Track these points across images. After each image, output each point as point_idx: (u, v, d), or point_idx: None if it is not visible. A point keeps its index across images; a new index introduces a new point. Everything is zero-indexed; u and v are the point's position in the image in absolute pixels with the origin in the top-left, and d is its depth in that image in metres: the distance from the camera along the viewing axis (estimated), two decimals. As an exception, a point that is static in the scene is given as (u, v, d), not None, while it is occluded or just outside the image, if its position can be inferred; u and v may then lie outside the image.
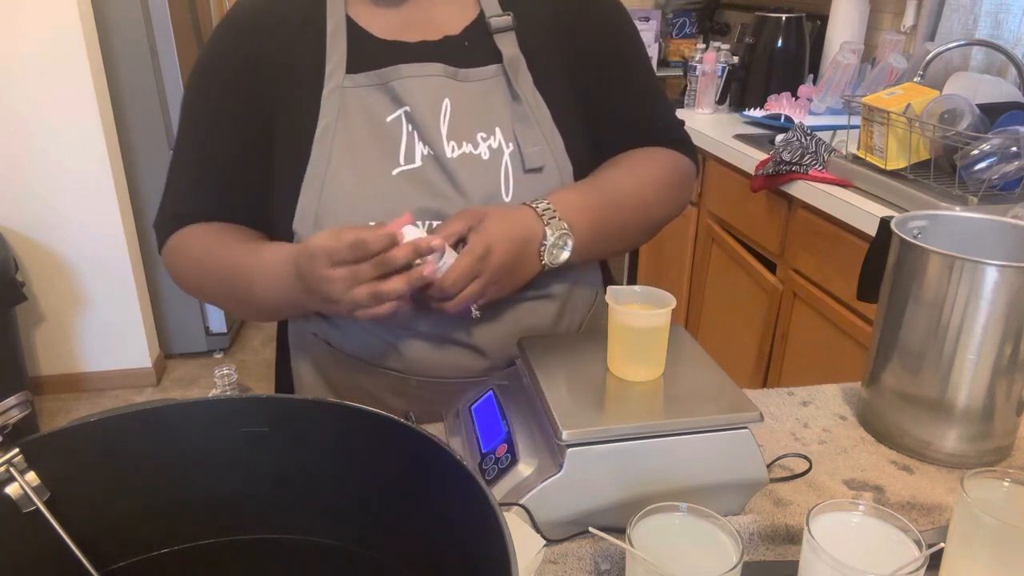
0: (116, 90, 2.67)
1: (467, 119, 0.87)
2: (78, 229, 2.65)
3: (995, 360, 0.79)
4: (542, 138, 0.88)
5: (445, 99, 0.86)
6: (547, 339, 0.87)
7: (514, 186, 0.87)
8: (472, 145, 0.86)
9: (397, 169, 0.85)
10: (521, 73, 0.89)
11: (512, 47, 0.89)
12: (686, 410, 0.70)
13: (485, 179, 0.86)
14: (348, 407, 0.54)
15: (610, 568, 0.67)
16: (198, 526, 0.57)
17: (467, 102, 0.87)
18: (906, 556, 0.54)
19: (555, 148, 0.89)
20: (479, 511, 0.45)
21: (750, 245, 2.11)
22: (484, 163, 0.86)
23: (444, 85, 0.87)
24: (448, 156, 0.85)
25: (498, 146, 0.87)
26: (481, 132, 0.87)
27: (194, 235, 0.92)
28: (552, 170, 0.89)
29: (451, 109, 0.86)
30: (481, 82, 0.88)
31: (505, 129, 0.88)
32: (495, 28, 0.89)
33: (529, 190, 0.87)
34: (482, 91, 0.88)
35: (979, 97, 1.63)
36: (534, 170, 0.87)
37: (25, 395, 0.52)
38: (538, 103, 0.89)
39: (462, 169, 0.85)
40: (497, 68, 0.89)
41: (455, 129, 0.86)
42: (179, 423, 0.55)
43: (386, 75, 0.86)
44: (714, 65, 2.44)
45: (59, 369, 2.82)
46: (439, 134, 0.86)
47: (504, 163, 0.87)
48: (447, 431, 0.85)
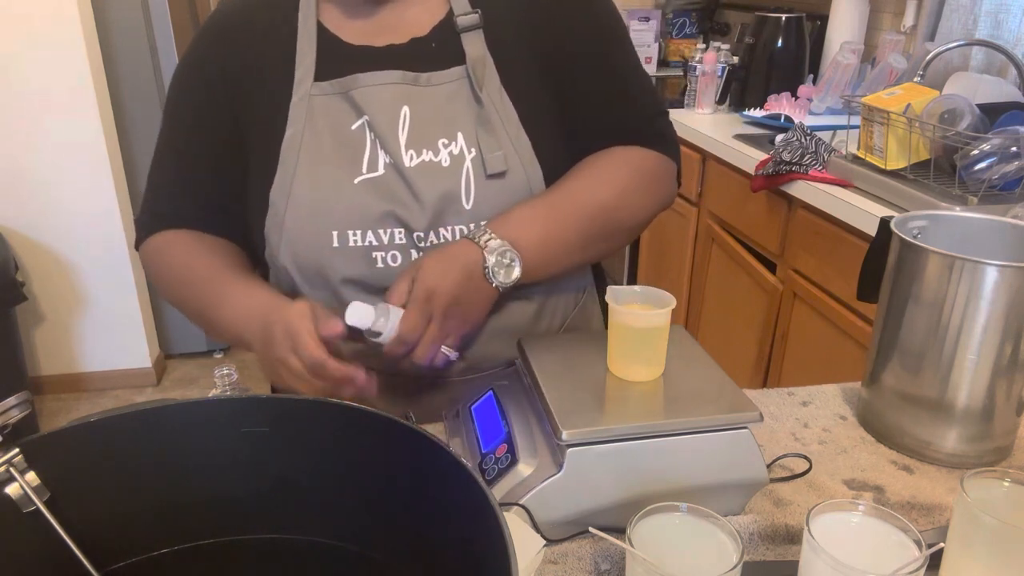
0: (116, 90, 2.67)
1: (428, 126, 0.86)
2: (78, 229, 2.65)
3: (995, 360, 0.79)
4: (508, 141, 0.87)
5: (404, 107, 0.86)
6: (547, 339, 0.87)
7: (475, 192, 0.86)
8: (433, 152, 0.86)
9: (360, 177, 0.85)
10: (487, 74, 0.88)
11: (478, 46, 0.88)
12: (686, 410, 0.70)
13: (444, 186, 0.85)
14: (348, 407, 0.54)
15: (610, 568, 0.67)
16: (198, 526, 0.57)
17: (428, 108, 0.86)
18: (906, 556, 0.54)
19: (522, 151, 0.87)
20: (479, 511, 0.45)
21: (750, 245, 2.11)
22: (444, 170, 0.85)
23: (402, 92, 0.86)
24: (407, 165, 0.85)
25: (459, 152, 0.86)
26: (442, 138, 0.86)
27: (177, 243, 0.93)
28: (518, 174, 0.87)
29: (410, 117, 0.86)
30: (444, 85, 0.87)
31: (468, 134, 0.86)
32: (462, 27, 0.88)
33: (492, 196, 0.86)
34: (445, 95, 0.87)
35: (979, 97, 1.63)
36: (496, 175, 0.86)
37: (25, 395, 0.52)
38: (504, 104, 0.88)
39: (420, 177, 0.85)
40: (461, 70, 0.87)
41: (414, 137, 0.86)
42: (179, 423, 0.55)
43: (346, 84, 0.86)
44: (714, 65, 2.44)
45: (59, 369, 2.82)
46: (397, 143, 0.85)
47: (465, 169, 0.86)
48: (447, 431, 0.85)
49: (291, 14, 0.89)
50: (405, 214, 0.85)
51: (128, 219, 2.75)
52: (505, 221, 0.84)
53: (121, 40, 2.63)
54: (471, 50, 0.87)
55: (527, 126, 0.88)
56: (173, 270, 0.92)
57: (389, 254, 0.86)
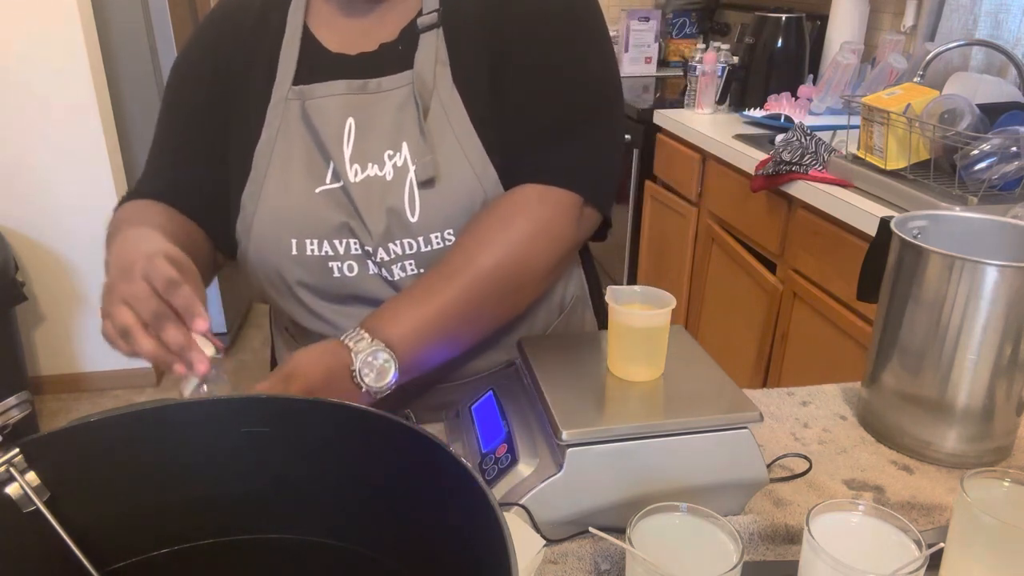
0: (116, 90, 2.67)
1: (373, 137, 0.84)
2: (78, 229, 2.65)
3: (995, 360, 0.79)
4: (456, 144, 0.83)
5: (349, 119, 0.84)
6: (547, 339, 0.87)
7: (420, 204, 0.83)
8: (378, 166, 0.84)
9: (320, 187, 0.84)
10: (439, 73, 0.85)
11: (430, 47, 0.85)
12: (686, 410, 0.70)
13: (387, 202, 0.83)
14: (348, 407, 0.54)
15: (610, 568, 0.67)
16: (198, 526, 0.57)
17: (376, 118, 0.84)
18: (906, 556, 0.54)
19: (472, 154, 0.83)
20: (479, 511, 0.45)
21: (750, 245, 2.11)
22: (387, 184, 0.83)
23: (347, 104, 0.85)
24: (352, 180, 0.83)
25: (403, 163, 0.83)
26: (388, 150, 0.84)
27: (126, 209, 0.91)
28: (465, 178, 0.83)
29: (355, 129, 0.84)
30: (396, 91, 0.85)
31: (412, 143, 0.83)
32: (421, 27, 0.86)
33: (435, 205, 0.83)
34: (397, 102, 0.85)
35: (979, 97, 1.63)
36: (426, 183, 0.82)
37: (25, 395, 0.52)
38: (454, 105, 0.84)
39: (363, 194, 0.83)
40: (411, 74, 0.85)
41: (360, 151, 0.84)
42: (179, 423, 0.55)
43: (304, 93, 0.85)
44: (714, 65, 2.44)
45: (59, 369, 2.82)
46: (342, 158, 0.84)
47: (408, 180, 0.83)
48: (447, 431, 0.85)
49: (281, 15, 0.89)
50: (357, 228, 0.84)
51: (128, 219, 2.75)
52: (379, 316, 0.80)
53: (121, 40, 2.63)
54: (421, 52, 0.85)
55: (481, 128, 0.84)
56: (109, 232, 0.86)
57: (345, 264, 0.85)
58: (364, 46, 0.88)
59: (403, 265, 0.85)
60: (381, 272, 0.85)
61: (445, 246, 0.84)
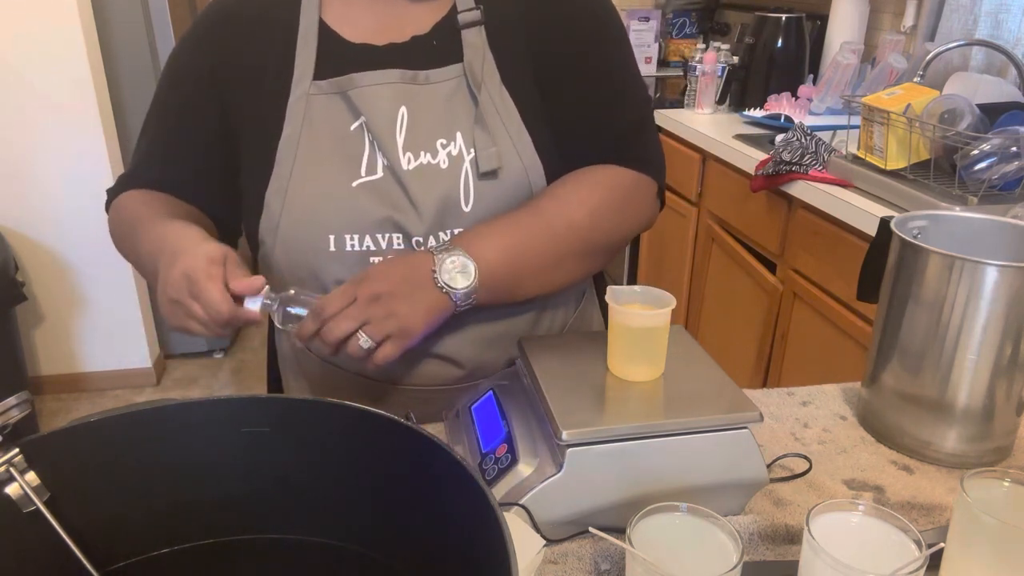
0: (116, 90, 2.67)
1: (426, 127, 0.84)
2: (78, 229, 2.65)
3: (995, 360, 0.79)
4: (508, 139, 0.85)
5: (401, 108, 0.84)
6: (547, 339, 0.87)
7: (474, 193, 0.84)
8: (431, 154, 0.84)
9: (357, 181, 0.84)
10: (487, 70, 0.86)
11: (477, 43, 0.86)
12: (686, 410, 0.70)
13: (442, 190, 0.83)
14: (348, 407, 0.54)
15: (610, 568, 0.67)
16: (198, 526, 0.57)
17: (427, 108, 0.85)
18: (906, 556, 0.54)
19: (523, 149, 0.86)
20: (479, 511, 0.45)
21: (750, 245, 2.11)
22: (442, 172, 0.84)
23: (401, 92, 0.84)
24: (404, 168, 0.83)
25: (458, 152, 0.84)
26: (441, 139, 0.84)
27: (135, 196, 0.91)
28: (517, 173, 0.85)
29: (408, 118, 0.84)
30: (444, 83, 0.85)
31: (466, 134, 0.85)
32: (463, 23, 0.86)
33: (491, 197, 0.84)
34: (444, 93, 0.85)
35: (979, 97, 1.63)
36: (489, 174, 0.84)
37: (25, 395, 0.52)
38: (505, 102, 0.86)
39: (417, 181, 0.83)
40: (460, 67, 0.85)
41: (412, 139, 0.84)
42: (179, 423, 0.55)
43: (344, 84, 0.84)
44: (714, 65, 2.44)
45: (59, 369, 2.82)
46: (395, 146, 0.84)
47: (464, 170, 0.84)
48: (447, 431, 0.85)
49: (294, 9, 0.87)
50: (402, 219, 0.83)
51: (128, 219, 2.75)
52: (465, 235, 0.83)
53: (121, 40, 2.63)
54: (469, 46, 0.86)
55: (529, 124, 0.87)
56: (123, 220, 0.90)
57: (386, 259, 0.84)
58: (393, 36, 0.87)
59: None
60: None
61: None
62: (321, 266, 0.85)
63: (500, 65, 0.87)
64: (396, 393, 0.92)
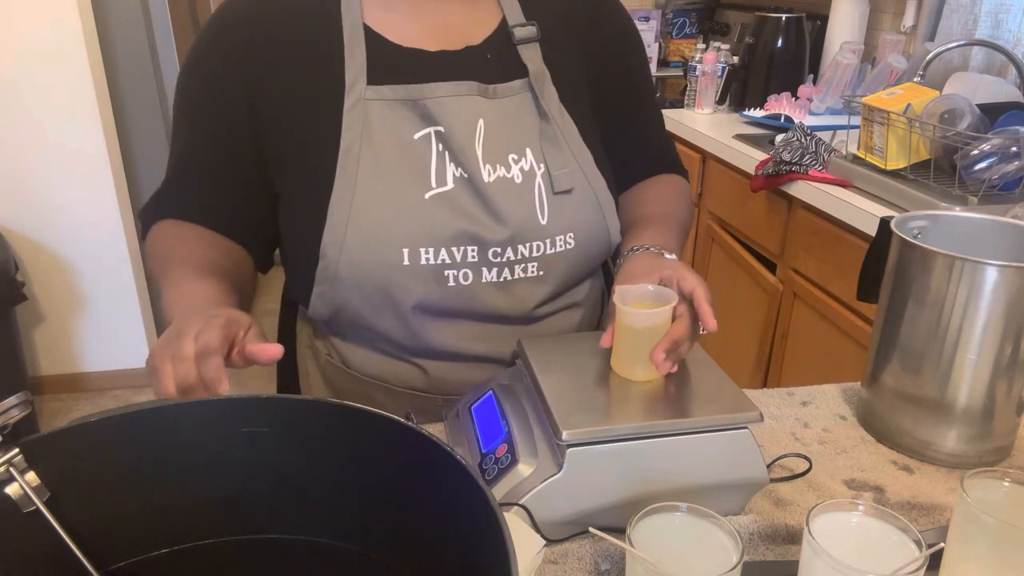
0: (116, 90, 2.67)
1: (499, 141, 0.84)
2: (78, 229, 2.65)
3: (995, 360, 0.79)
4: (571, 156, 0.86)
5: (480, 119, 0.83)
6: (547, 339, 0.87)
7: (548, 209, 0.84)
8: (505, 168, 0.83)
9: (430, 192, 0.81)
10: (547, 88, 0.86)
11: (536, 59, 0.86)
12: (686, 410, 0.70)
13: (520, 203, 0.83)
14: (348, 407, 0.54)
15: (610, 568, 0.67)
16: (198, 526, 0.57)
17: (499, 122, 0.84)
18: (906, 556, 0.54)
19: (585, 165, 0.87)
20: (479, 511, 0.44)
21: (750, 245, 2.11)
22: (518, 187, 0.83)
23: (478, 104, 0.83)
24: (485, 180, 0.82)
25: (529, 168, 0.84)
26: (512, 154, 0.84)
27: (172, 230, 0.88)
28: (584, 189, 0.87)
29: (484, 130, 0.83)
30: (510, 99, 0.85)
31: (535, 149, 0.85)
32: (519, 39, 0.85)
33: (562, 211, 0.85)
34: (512, 109, 0.85)
35: (979, 97, 1.63)
36: (563, 192, 0.85)
37: (25, 395, 0.51)
38: (564, 119, 0.87)
39: (498, 194, 0.82)
40: (524, 83, 0.85)
41: (489, 151, 0.83)
42: (179, 423, 0.54)
43: (418, 92, 0.81)
44: (714, 65, 2.44)
45: (59, 369, 2.82)
46: (475, 157, 0.82)
47: (537, 185, 0.84)
48: (447, 431, 0.85)
49: (333, 11, 0.83)
50: (481, 231, 0.81)
51: (128, 219, 2.75)
52: (650, 236, 0.88)
53: (121, 41, 2.63)
54: (532, 63, 0.86)
55: (587, 139, 0.88)
56: (156, 254, 0.87)
57: (461, 272, 0.83)
58: (443, 43, 0.85)
59: (526, 267, 0.85)
60: (498, 278, 0.84)
61: (567, 249, 0.86)
62: (393, 280, 0.82)
63: (556, 82, 0.88)
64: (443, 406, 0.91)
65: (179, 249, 0.84)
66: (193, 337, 0.65)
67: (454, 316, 0.86)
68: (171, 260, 0.83)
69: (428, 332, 0.86)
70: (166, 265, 0.83)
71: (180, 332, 0.66)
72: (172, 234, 0.88)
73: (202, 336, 0.65)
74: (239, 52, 0.83)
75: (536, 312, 0.89)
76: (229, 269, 0.85)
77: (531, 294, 0.87)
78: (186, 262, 0.81)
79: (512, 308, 0.87)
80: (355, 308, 0.85)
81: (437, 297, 0.83)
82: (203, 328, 0.65)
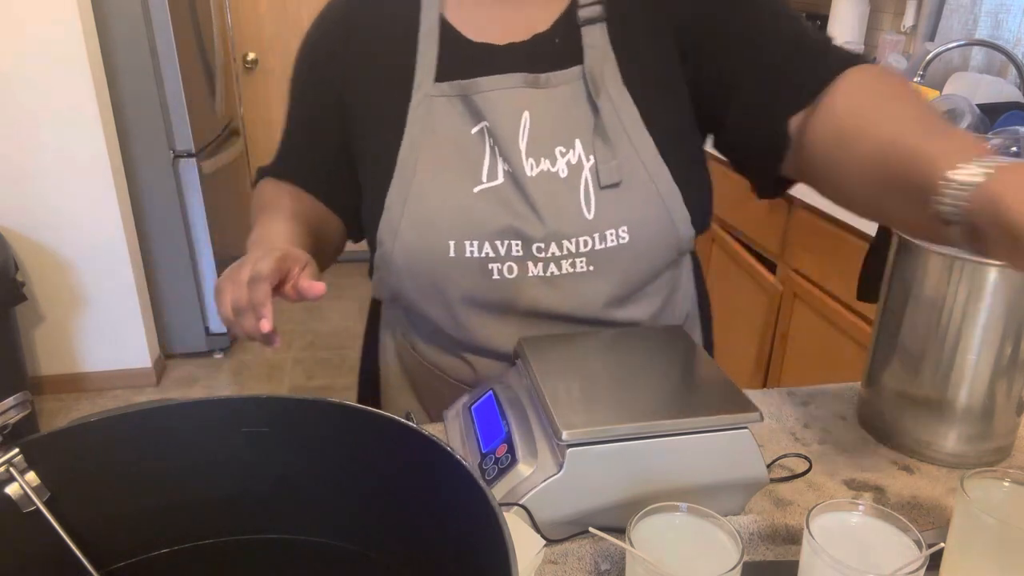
0: (116, 90, 2.67)
1: (546, 132, 0.82)
2: (78, 229, 2.65)
3: (995, 360, 0.79)
4: (629, 145, 0.82)
5: (524, 112, 0.82)
6: (547, 339, 0.87)
7: (596, 202, 0.82)
8: (550, 161, 0.82)
9: (479, 187, 0.82)
10: (608, 71, 0.83)
11: (598, 42, 0.83)
12: (686, 410, 0.70)
13: (563, 198, 0.82)
14: (348, 407, 0.54)
15: (610, 568, 0.68)
16: (198, 526, 0.57)
17: (547, 113, 0.82)
18: (906, 556, 0.54)
19: (646, 154, 0.83)
20: (479, 511, 0.45)
21: (750, 245, 2.11)
22: (561, 181, 0.82)
23: (524, 96, 0.82)
24: (527, 175, 0.81)
25: (577, 161, 0.82)
26: (560, 146, 0.82)
27: (267, 185, 0.97)
28: (641, 181, 0.82)
29: (530, 123, 0.82)
30: (563, 87, 0.83)
31: (585, 141, 0.82)
32: (583, 20, 0.83)
33: (612, 205, 0.82)
34: (564, 97, 0.83)
35: (979, 97, 1.64)
36: (611, 186, 0.82)
37: (25, 395, 0.52)
38: (625, 104, 0.83)
39: (539, 188, 0.81)
40: (579, 70, 0.82)
41: (534, 145, 0.82)
42: (179, 423, 0.55)
43: (467, 87, 0.83)
44: (714, 65, 2.43)
45: (59, 369, 2.82)
46: (518, 151, 0.82)
47: (583, 179, 0.82)
48: (447, 431, 0.85)
49: (414, 6, 0.86)
50: (523, 226, 0.82)
51: (128, 219, 2.75)
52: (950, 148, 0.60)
53: (121, 41, 2.63)
54: (590, 47, 0.83)
55: (651, 125, 0.83)
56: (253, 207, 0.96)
57: (505, 266, 0.83)
58: (514, 35, 0.85)
59: (573, 262, 0.83)
60: (544, 272, 0.84)
61: (619, 243, 0.82)
62: (439, 271, 0.84)
63: (621, 63, 0.83)
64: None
65: (272, 199, 0.93)
66: (251, 264, 0.71)
67: (502, 312, 0.86)
68: (262, 207, 0.92)
69: (475, 327, 0.88)
70: (257, 211, 0.92)
71: (243, 261, 0.73)
72: (271, 188, 0.96)
73: (258, 264, 0.70)
74: (334, 48, 0.89)
75: (608, 315, 0.87)
76: (311, 220, 0.91)
77: (587, 290, 0.85)
78: (275, 209, 0.89)
79: (563, 305, 0.85)
80: (409, 296, 0.89)
81: (483, 290, 0.85)
82: (261, 257, 0.71)
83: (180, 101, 2.73)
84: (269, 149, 0.99)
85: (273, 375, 2.98)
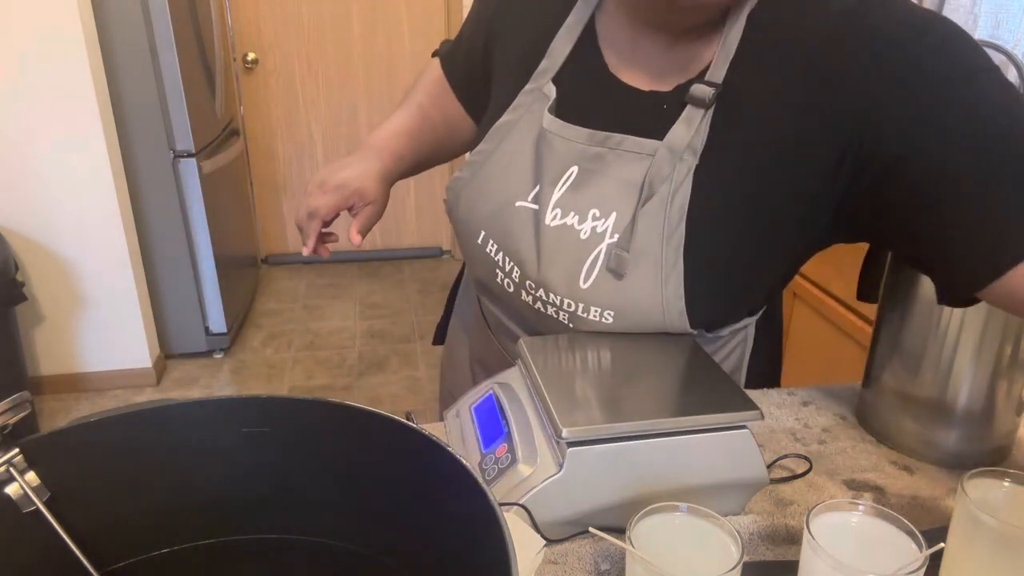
0: (116, 90, 2.67)
1: (589, 191, 0.78)
2: (78, 229, 2.65)
3: (995, 360, 0.79)
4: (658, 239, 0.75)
5: (573, 167, 0.80)
6: (547, 339, 0.87)
7: (596, 278, 0.78)
8: (578, 218, 0.79)
9: (520, 202, 0.83)
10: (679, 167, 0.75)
11: (688, 127, 0.74)
12: (686, 410, 0.70)
13: (568, 258, 0.79)
14: (348, 407, 0.54)
15: (610, 568, 0.68)
16: (198, 526, 0.57)
17: (598, 173, 0.78)
18: (906, 556, 0.54)
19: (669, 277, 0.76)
20: (479, 511, 0.45)
21: (750, 245, 2.11)
22: (578, 241, 0.78)
23: (581, 152, 0.80)
24: (545, 222, 0.80)
25: (603, 231, 0.77)
26: (595, 209, 0.78)
27: (432, 73, 1.08)
28: (649, 277, 0.76)
29: (575, 177, 0.80)
30: (631, 155, 0.77)
31: (620, 217, 0.77)
32: (691, 96, 0.74)
33: (608, 286, 0.78)
34: (625, 168, 0.77)
35: (979, 97, 1.63)
36: (614, 272, 0.77)
37: (25, 395, 0.52)
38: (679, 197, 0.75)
39: (551, 238, 0.80)
40: (654, 147, 0.76)
41: (569, 197, 0.79)
42: (179, 423, 0.55)
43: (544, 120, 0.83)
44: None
45: (59, 369, 2.82)
46: (549, 197, 0.81)
47: (598, 250, 0.78)
48: (447, 431, 0.85)
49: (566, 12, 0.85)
50: (525, 260, 0.83)
51: (128, 219, 2.75)
52: None
53: (121, 40, 2.63)
54: (675, 133, 0.75)
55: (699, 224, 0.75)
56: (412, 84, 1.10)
57: (506, 280, 0.86)
58: (641, 81, 0.80)
59: (557, 312, 0.82)
60: (532, 304, 0.84)
61: (603, 322, 0.79)
62: (470, 245, 0.89)
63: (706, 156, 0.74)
64: None
65: (419, 93, 1.07)
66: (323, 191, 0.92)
67: (509, 314, 0.92)
68: (408, 96, 1.07)
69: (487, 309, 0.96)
70: (404, 97, 1.08)
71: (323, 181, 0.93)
72: (426, 78, 1.09)
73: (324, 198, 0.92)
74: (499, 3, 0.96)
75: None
76: (439, 130, 1.06)
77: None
78: (416, 108, 1.05)
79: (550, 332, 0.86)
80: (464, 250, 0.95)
81: (492, 286, 0.89)
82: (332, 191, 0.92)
83: (180, 101, 2.73)
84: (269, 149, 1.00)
85: (273, 375, 2.98)
